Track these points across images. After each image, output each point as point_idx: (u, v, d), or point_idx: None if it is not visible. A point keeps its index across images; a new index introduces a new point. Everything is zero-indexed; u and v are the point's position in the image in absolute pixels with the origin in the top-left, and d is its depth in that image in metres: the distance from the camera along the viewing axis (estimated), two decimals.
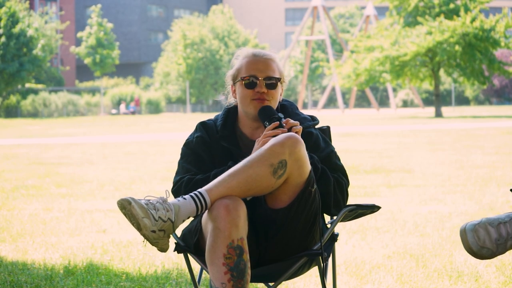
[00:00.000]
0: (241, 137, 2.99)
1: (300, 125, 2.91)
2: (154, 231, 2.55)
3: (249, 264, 2.60)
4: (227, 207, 2.60)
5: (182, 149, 3.02)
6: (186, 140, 3.03)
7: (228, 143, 2.95)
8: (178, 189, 2.90)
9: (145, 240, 2.57)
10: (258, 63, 2.95)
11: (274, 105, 2.95)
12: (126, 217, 2.57)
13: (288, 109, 3.05)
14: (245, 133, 2.99)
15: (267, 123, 2.85)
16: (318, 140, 2.99)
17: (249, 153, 2.92)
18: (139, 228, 2.54)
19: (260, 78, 2.92)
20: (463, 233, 2.89)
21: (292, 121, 2.84)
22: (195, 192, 2.64)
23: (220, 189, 2.63)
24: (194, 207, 2.61)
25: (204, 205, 2.62)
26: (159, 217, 2.56)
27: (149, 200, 2.60)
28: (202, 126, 3.03)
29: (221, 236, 2.58)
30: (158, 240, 2.57)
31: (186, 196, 2.63)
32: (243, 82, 2.94)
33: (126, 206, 2.54)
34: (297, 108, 3.08)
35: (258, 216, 2.76)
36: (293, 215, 2.70)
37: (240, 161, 2.82)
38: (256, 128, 2.98)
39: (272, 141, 2.67)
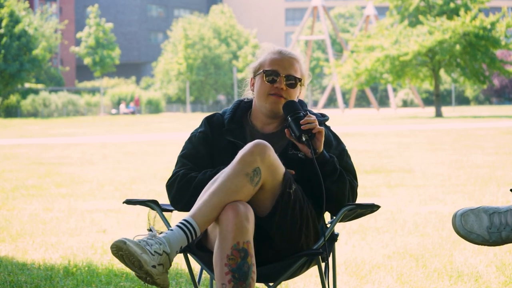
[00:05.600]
0: (252, 130, 3.01)
1: None
2: (154, 266, 2.53)
3: (254, 268, 2.59)
4: (236, 210, 2.61)
5: (185, 142, 3.04)
6: (191, 134, 3.05)
7: (234, 137, 2.96)
8: (173, 183, 2.92)
9: (148, 277, 2.54)
10: (282, 60, 2.97)
11: None
12: (123, 259, 2.53)
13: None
14: (256, 126, 3.01)
15: (290, 118, 2.86)
16: (330, 137, 3.02)
17: None
18: (140, 265, 2.51)
19: (281, 75, 2.94)
20: (453, 217, 2.93)
21: (314, 117, 2.86)
22: (181, 221, 2.63)
23: (204, 210, 2.63)
24: (184, 236, 2.61)
25: (193, 232, 2.62)
26: (155, 251, 2.55)
27: (139, 239, 2.59)
28: (207, 121, 3.05)
29: (227, 237, 2.59)
30: (159, 276, 2.55)
31: (174, 227, 2.63)
32: (264, 76, 2.95)
33: (122, 247, 2.51)
34: (307, 106, 3.09)
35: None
36: (278, 219, 2.71)
37: None
38: (268, 124, 3.00)
39: (242, 151, 2.69)
